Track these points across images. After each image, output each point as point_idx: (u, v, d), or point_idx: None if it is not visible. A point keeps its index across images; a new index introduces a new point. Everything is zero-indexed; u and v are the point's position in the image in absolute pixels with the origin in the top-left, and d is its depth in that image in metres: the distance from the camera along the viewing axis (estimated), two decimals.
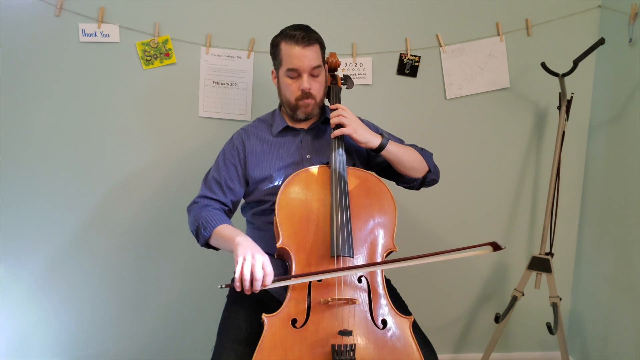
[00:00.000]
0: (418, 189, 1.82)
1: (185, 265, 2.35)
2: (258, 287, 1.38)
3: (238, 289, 1.39)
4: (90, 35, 2.14)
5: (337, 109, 1.66)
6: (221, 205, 1.74)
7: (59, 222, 2.24)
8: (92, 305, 2.32)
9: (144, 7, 2.16)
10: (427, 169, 1.77)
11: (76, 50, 2.15)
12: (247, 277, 1.37)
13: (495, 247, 1.37)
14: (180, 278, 2.36)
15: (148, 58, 2.18)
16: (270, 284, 1.40)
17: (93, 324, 2.33)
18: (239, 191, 1.77)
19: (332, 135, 1.64)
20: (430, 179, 1.80)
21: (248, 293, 1.40)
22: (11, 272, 2.24)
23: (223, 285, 1.40)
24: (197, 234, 1.66)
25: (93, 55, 2.16)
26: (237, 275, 1.39)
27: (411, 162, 1.71)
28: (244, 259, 1.40)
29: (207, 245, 1.67)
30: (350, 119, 1.64)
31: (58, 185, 2.22)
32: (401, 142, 1.82)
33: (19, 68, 2.13)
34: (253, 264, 1.39)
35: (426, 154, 1.81)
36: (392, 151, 1.66)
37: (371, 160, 1.83)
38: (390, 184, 1.69)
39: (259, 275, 1.38)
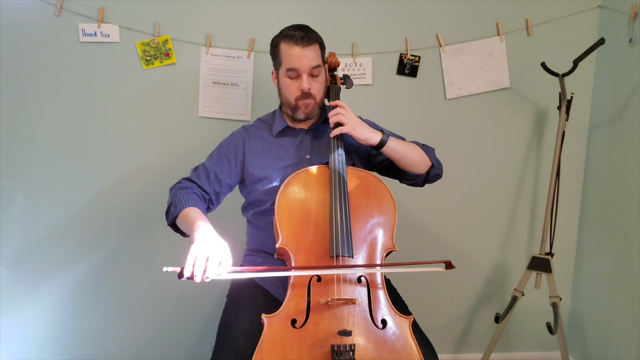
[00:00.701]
0: (422, 185, 1.81)
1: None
2: (212, 276, 1.30)
3: (187, 275, 1.28)
4: (90, 35, 2.14)
5: (336, 105, 1.66)
6: (202, 192, 1.71)
7: (58, 222, 2.24)
8: (92, 305, 2.32)
9: (144, 7, 2.16)
10: (429, 164, 1.76)
11: (76, 50, 2.15)
12: (201, 263, 1.28)
13: (449, 265, 1.42)
14: (184, 279, 2.36)
15: (148, 58, 2.18)
16: (225, 273, 1.33)
17: (93, 324, 2.33)
18: (226, 184, 1.76)
19: (331, 134, 1.63)
20: (433, 174, 1.79)
21: (198, 281, 1.30)
22: (11, 272, 2.24)
23: (169, 270, 1.27)
24: (167, 211, 1.63)
25: (93, 55, 2.16)
26: (189, 260, 1.29)
27: (413, 158, 1.70)
28: (200, 244, 1.33)
29: (174, 227, 1.63)
30: (349, 117, 1.63)
31: (58, 185, 2.22)
32: (402, 139, 1.81)
33: (19, 68, 2.13)
34: (210, 253, 1.31)
35: (428, 149, 1.80)
36: (394, 147, 1.65)
37: (372, 159, 1.83)
38: (391, 184, 1.69)
39: (215, 263, 1.30)
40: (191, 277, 1.28)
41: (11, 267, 2.24)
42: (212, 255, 1.31)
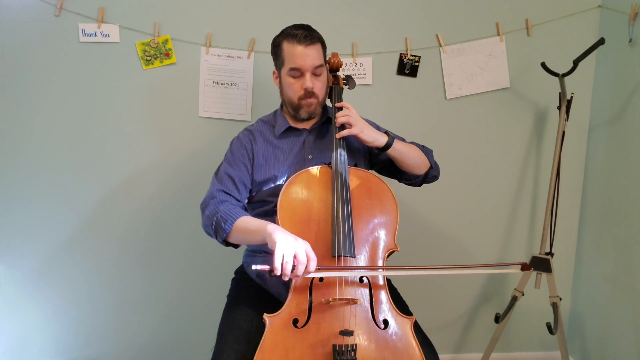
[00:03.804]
0: (419, 185, 1.84)
1: (186, 265, 2.35)
2: (300, 272, 1.34)
3: (277, 273, 1.32)
4: (90, 35, 2.14)
5: (342, 107, 1.66)
6: (238, 202, 1.69)
7: (59, 222, 2.24)
8: (93, 306, 2.31)
9: (144, 7, 2.15)
10: (428, 165, 1.79)
11: (76, 50, 2.15)
12: (289, 261, 1.32)
13: (525, 267, 1.46)
14: (181, 278, 2.36)
15: (148, 58, 2.18)
16: (313, 270, 1.36)
17: (93, 324, 2.32)
18: (249, 188, 1.75)
19: (338, 136, 1.63)
20: (431, 175, 1.81)
21: (286, 280, 1.36)
22: (11, 272, 2.24)
23: (258, 268, 1.34)
24: (215, 230, 1.57)
25: (93, 55, 2.16)
26: (277, 263, 1.32)
27: (414, 159, 1.72)
28: (285, 243, 1.35)
29: (226, 242, 1.61)
30: (356, 118, 1.65)
31: (58, 186, 2.22)
32: (402, 140, 1.82)
33: (19, 68, 2.12)
34: (297, 249, 1.34)
35: (427, 151, 1.83)
36: (398, 149, 1.67)
37: (373, 159, 1.83)
38: (392, 183, 1.70)
39: (304, 259, 1.34)
40: (280, 275, 1.33)
41: (11, 267, 2.23)
42: (299, 253, 1.34)
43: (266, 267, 1.33)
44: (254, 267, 1.35)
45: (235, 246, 1.64)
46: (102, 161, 2.23)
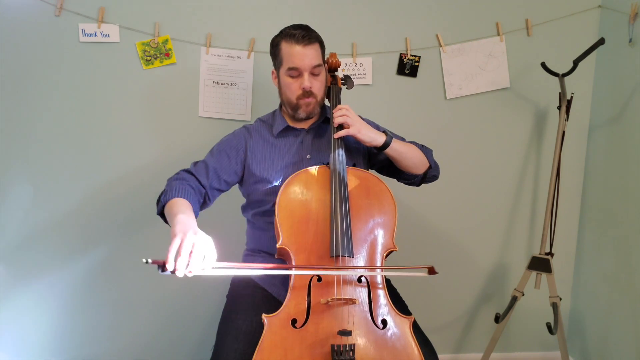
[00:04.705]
0: (419, 185, 1.84)
1: None
2: (195, 270, 1.27)
3: (170, 269, 1.23)
4: (90, 35, 2.14)
5: (340, 109, 1.66)
6: (199, 185, 1.68)
7: (59, 222, 2.24)
8: (92, 305, 2.31)
9: (144, 7, 2.16)
10: (427, 165, 1.78)
11: (76, 50, 2.15)
12: (184, 256, 1.25)
13: (431, 271, 1.47)
14: (180, 278, 2.35)
15: (148, 58, 2.18)
16: (210, 268, 1.29)
17: (92, 324, 2.32)
18: (225, 181, 1.74)
19: (336, 136, 1.63)
20: (430, 175, 1.81)
21: (180, 276, 1.26)
22: (11, 272, 2.24)
23: (149, 261, 1.21)
24: (158, 200, 1.59)
25: (93, 55, 2.16)
26: (171, 253, 1.25)
27: (413, 159, 1.72)
28: (182, 237, 1.28)
29: (162, 216, 1.59)
30: (354, 118, 1.64)
31: (58, 185, 2.22)
32: (402, 140, 1.82)
33: (19, 68, 2.13)
34: (193, 245, 1.28)
35: (427, 151, 1.82)
36: (396, 149, 1.67)
37: (372, 158, 1.84)
38: (391, 182, 1.69)
39: (199, 256, 1.27)
40: (173, 272, 1.24)
41: (10, 267, 2.24)
42: (195, 249, 1.28)
43: (159, 262, 1.23)
44: (144, 260, 1.22)
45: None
46: (102, 161, 2.23)
